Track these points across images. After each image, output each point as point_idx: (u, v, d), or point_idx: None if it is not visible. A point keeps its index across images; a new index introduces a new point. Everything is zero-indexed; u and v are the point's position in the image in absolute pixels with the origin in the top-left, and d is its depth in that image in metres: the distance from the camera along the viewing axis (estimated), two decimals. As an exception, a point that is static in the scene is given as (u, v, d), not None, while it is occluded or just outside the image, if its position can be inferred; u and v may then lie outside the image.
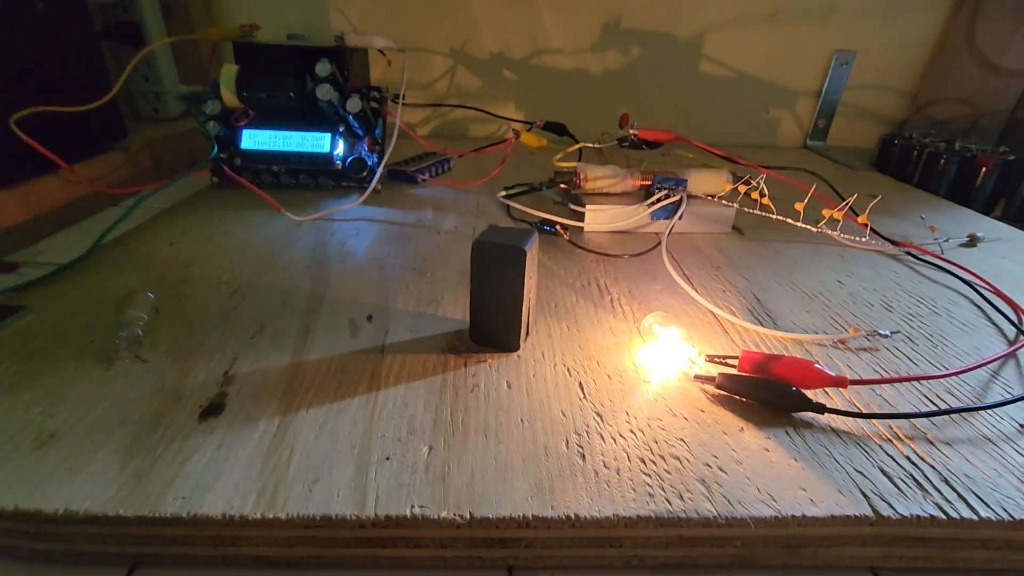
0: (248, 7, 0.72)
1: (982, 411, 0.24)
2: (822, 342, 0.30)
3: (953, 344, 0.30)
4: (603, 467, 0.21)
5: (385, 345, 0.28)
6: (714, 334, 0.30)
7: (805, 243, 0.44)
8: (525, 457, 0.21)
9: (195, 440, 0.21)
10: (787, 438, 0.22)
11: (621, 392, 0.25)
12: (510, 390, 0.25)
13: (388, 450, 0.21)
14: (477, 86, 0.76)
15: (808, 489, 0.20)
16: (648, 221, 0.44)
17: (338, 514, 0.18)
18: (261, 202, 0.47)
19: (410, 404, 0.24)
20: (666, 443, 0.22)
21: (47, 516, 0.18)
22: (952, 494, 0.20)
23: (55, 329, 0.28)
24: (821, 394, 0.25)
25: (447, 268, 0.37)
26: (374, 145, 0.53)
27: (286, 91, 0.49)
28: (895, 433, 0.23)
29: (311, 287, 0.34)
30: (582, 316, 0.32)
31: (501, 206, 0.49)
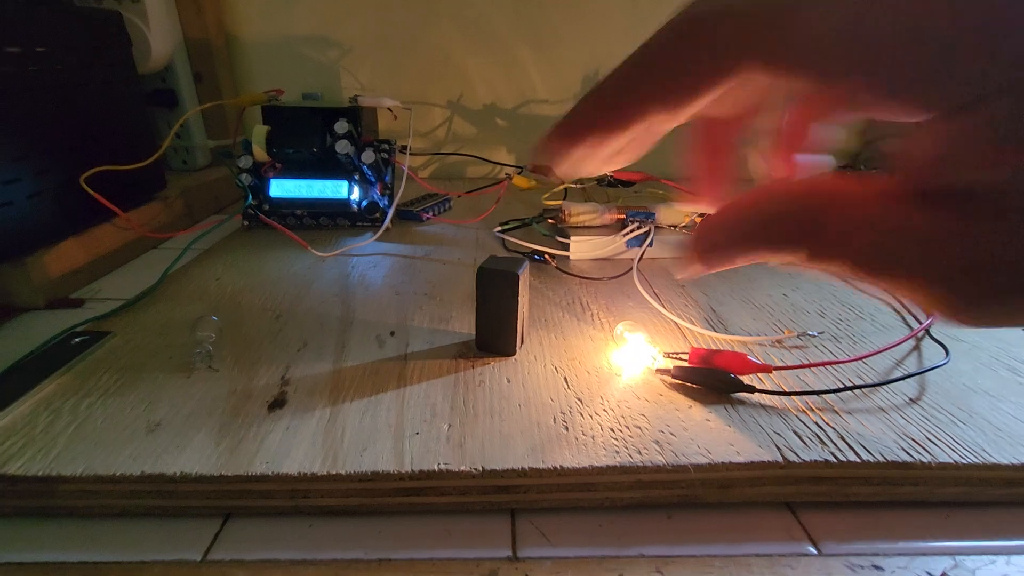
0: (267, 71, 0.81)
1: (879, 387, 0.31)
2: (762, 342, 0.37)
3: (871, 341, 0.37)
4: (582, 435, 0.27)
5: (407, 354, 0.35)
6: (675, 338, 0.37)
7: (760, 264, 0.51)
8: (522, 430, 0.27)
9: (268, 425, 0.28)
10: (724, 412, 0.29)
11: (597, 383, 0.32)
12: (509, 384, 0.32)
13: (417, 428, 0.28)
14: (472, 133, 0.85)
15: (735, 445, 0.26)
16: (624, 249, 0.51)
17: (384, 470, 0.25)
18: (288, 242, 0.54)
19: (431, 396, 0.30)
20: (630, 418, 0.28)
21: (168, 477, 0.24)
22: (844, 446, 0.26)
23: (138, 348, 0.35)
24: (755, 380, 0.32)
25: (454, 292, 0.44)
26: (385, 189, 0.61)
27: (310, 147, 0.57)
28: (810, 406, 0.30)
29: (341, 311, 0.41)
30: (567, 327, 0.38)
31: (497, 239, 0.56)
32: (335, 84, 0.83)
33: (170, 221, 0.62)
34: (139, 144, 0.58)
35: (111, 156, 0.52)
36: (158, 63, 0.67)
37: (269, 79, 0.82)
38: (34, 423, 0.28)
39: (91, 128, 0.52)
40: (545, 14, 0.79)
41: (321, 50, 0.81)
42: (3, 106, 0.42)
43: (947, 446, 0.27)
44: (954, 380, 0.32)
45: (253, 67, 0.81)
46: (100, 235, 0.51)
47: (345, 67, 0.82)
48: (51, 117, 0.47)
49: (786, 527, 0.25)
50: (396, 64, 0.82)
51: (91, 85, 0.52)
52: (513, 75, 0.82)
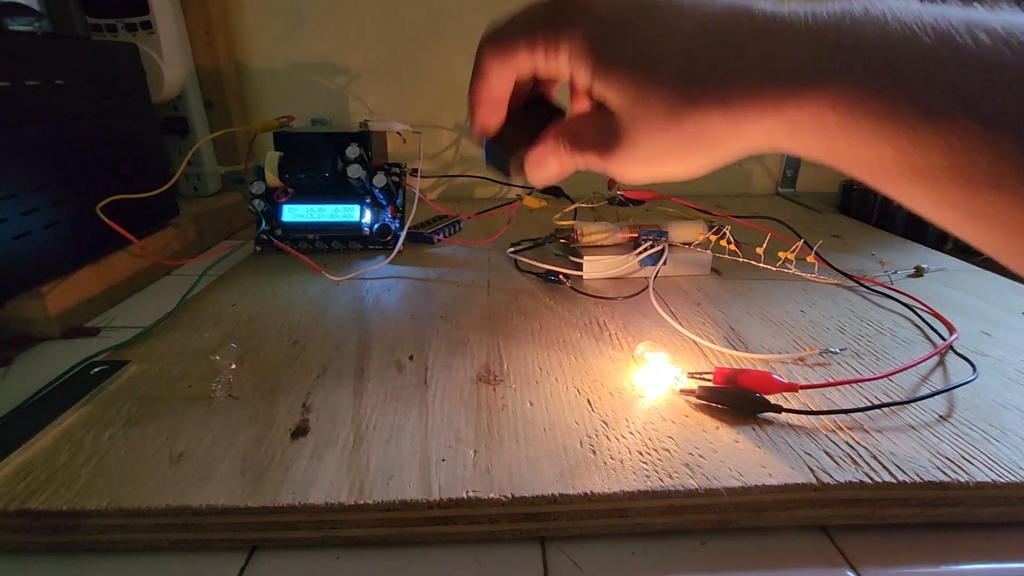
0: (276, 97, 0.83)
1: (908, 404, 0.31)
2: (784, 360, 0.36)
3: (893, 357, 0.37)
4: (610, 459, 0.27)
5: (427, 378, 0.34)
6: (695, 358, 0.37)
7: (774, 280, 0.51)
8: (549, 455, 0.27)
9: (292, 453, 0.27)
10: (753, 432, 0.29)
11: (621, 405, 0.31)
12: (532, 407, 0.31)
13: (443, 454, 0.27)
14: (478, 154, 0.85)
15: (767, 467, 0.26)
16: (637, 268, 0.51)
17: (412, 498, 0.24)
18: (301, 266, 0.54)
19: (454, 421, 0.30)
20: (658, 440, 0.28)
21: (194, 509, 0.24)
22: (878, 466, 0.26)
23: (157, 377, 0.35)
24: (781, 399, 0.32)
25: (470, 315, 0.44)
26: (396, 212, 0.61)
27: (321, 172, 0.57)
28: (838, 425, 0.29)
29: (358, 335, 0.40)
30: (586, 348, 0.38)
31: (510, 260, 0.56)
32: (344, 109, 0.84)
33: (182, 247, 0.62)
34: (153, 172, 0.58)
35: (126, 184, 0.53)
36: (171, 92, 0.68)
37: (278, 105, 0.83)
38: (56, 456, 0.27)
39: (107, 157, 0.52)
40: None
41: (329, 76, 0.82)
42: (23, 138, 0.43)
43: (983, 464, 0.26)
44: (983, 396, 0.32)
45: (262, 94, 0.82)
46: (115, 263, 0.51)
47: (353, 93, 0.83)
48: (68, 148, 0.48)
49: (823, 551, 0.25)
50: (404, 88, 0.83)
51: (107, 115, 0.52)
52: (519, 97, 0.83)
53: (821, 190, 0.88)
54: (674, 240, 0.52)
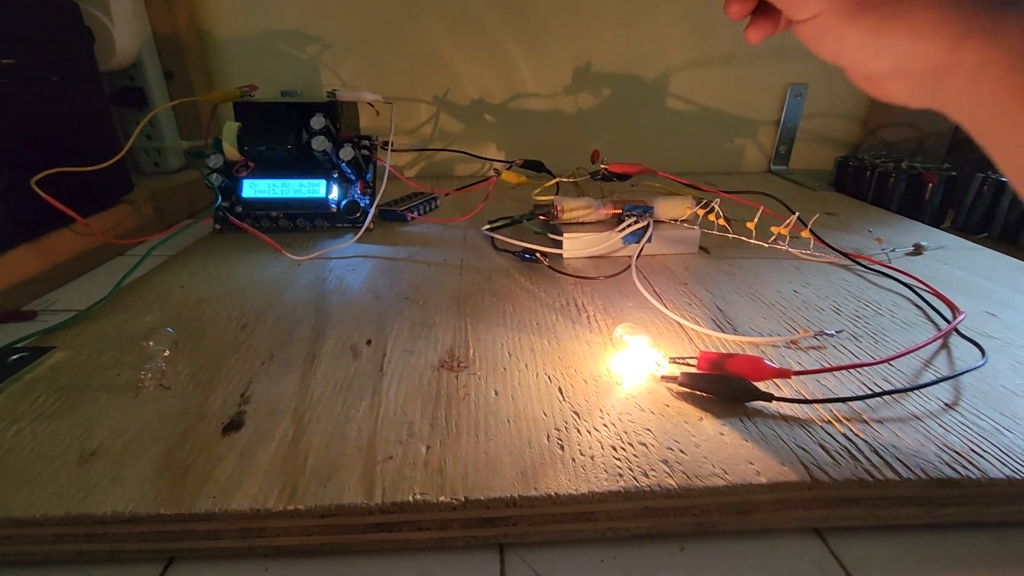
0: (244, 68, 0.78)
1: (911, 392, 0.28)
2: (776, 344, 0.33)
3: (893, 339, 0.34)
4: (579, 455, 0.24)
5: (384, 364, 0.31)
6: (680, 342, 0.34)
7: (766, 259, 0.48)
8: (511, 451, 0.24)
9: (220, 451, 0.24)
10: (740, 424, 0.26)
11: (596, 394, 0.28)
12: (497, 397, 0.28)
13: (391, 451, 0.24)
14: (460, 129, 0.82)
15: (755, 463, 0.23)
16: (621, 245, 0.48)
17: (350, 502, 0.21)
18: (262, 245, 0.50)
19: (409, 412, 0.27)
20: (635, 433, 0.25)
21: (96, 518, 0.21)
22: (879, 461, 0.23)
23: (84, 365, 0.31)
24: (772, 386, 0.29)
25: (438, 296, 0.41)
26: (366, 188, 0.57)
27: (284, 144, 0.53)
28: (835, 415, 0.26)
29: (314, 318, 0.37)
30: (561, 332, 0.35)
31: (486, 238, 0.53)
32: (316, 81, 0.79)
33: (138, 226, 0.58)
34: (102, 145, 0.54)
35: (70, 158, 0.48)
36: (124, 60, 0.64)
37: (246, 77, 0.78)
38: (-49, 455, 0.24)
39: (45, 128, 0.48)
40: (533, 6, 0.76)
41: (300, 46, 0.77)
42: (-60, 102, 0.39)
43: (995, 458, 0.23)
44: (991, 382, 0.29)
45: (229, 64, 0.78)
46: (57, 242, 0.48)
47: (326, 63, 0.78)
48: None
49: (816, 558, 0.22)
50: (380, 60, 0.78)
51: (45, 82, 0.48)
52: (502, 69, 0.79)
53: (815, 167, 0.85)
54: (660, 216, 0.49)
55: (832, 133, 0.85)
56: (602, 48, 0.79)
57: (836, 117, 0.84)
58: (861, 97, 0.83)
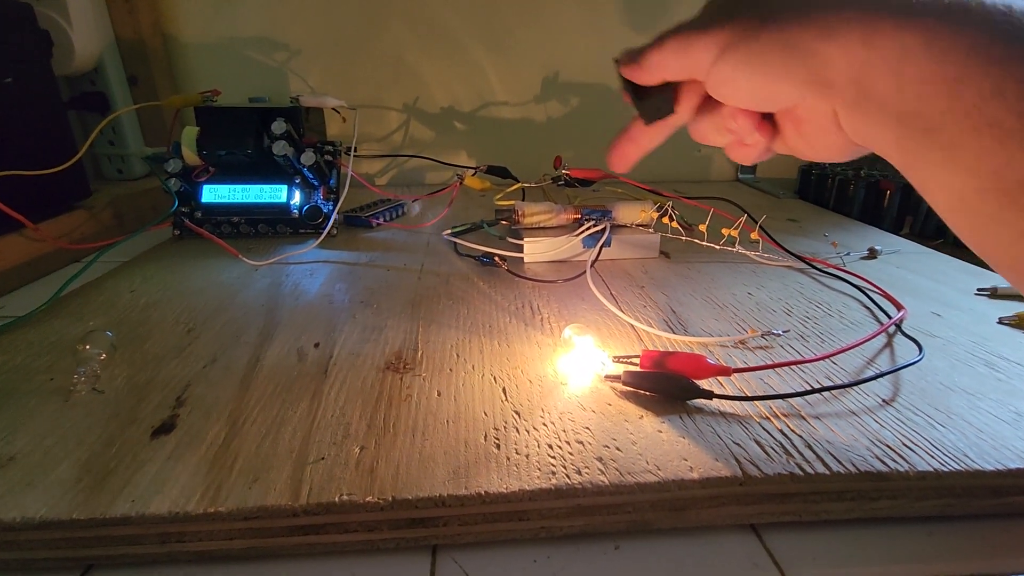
0: (210, 75, 0.77)
1: (851, 388, 0.28)
2: (724, 343, 0.34)
3: (839, 339, 0.34)
4: (515, 453, 0.23)
5: (329, 367, 0.31)
6: (630, 342, 0.34)
7: (724, 263, 0.48)
8: (446, 450, 0.24)
9: (146, 454, 0.23)
10: (680, 421, 0.26)
11: (540, 394, 0.28)
12: (440, 397, 0.28)
13: (324, 452, 0.24)
14: (430, 137, 0.82)
15: (689, 459, 0.23)
16: (582, 249, 0.48)
17: (273, 504, 0.21)
18: (220, 251, 0.50)
19: (347, 414, 0.26)
20: (573, 432, 0.25)
21: (6, 524, 0.20)
22: (812, 456, 0.23)
23: (16, 370, 0.30)
24: (715, 384, 0.29)
25: (392, 300, 0.40)
26: (329, 194, 0.57)
27: (244, 148, 0.53)
28: (774, 412, 0.26)
29: (264, 323, 0.36)
30: (512, 333, 0.35)
31: (450, 244, 0.53)
32: (284, 88, 0.79)
33: (95, 232, 0.57)
34: (58, 150, 0.53)
35: (22, 162, 0.47)
36: (85, 64, 0.63)
37: (213, 83, 0.77)
38: None
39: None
40: (500, 15, 0.77)
41: (267, 53, 0.77)
42: None
43: (925, 452, 0.24)
44: (929, 378, 0.30)
45: (195, 70, 0.77)
46: (6, 247, 0.46)
47: (293, 70, 0.78)
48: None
49: (750, 554, 0.22)
50: (348, 67, 0.78)
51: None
52: (470, 77, 0.80)
53: (781, 175, 0.86)
54: (620, 220, 0.49)
55: (797, 142, 0.86)
56: (570, 57, 0.80)
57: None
58: (824, 107, 0.84)
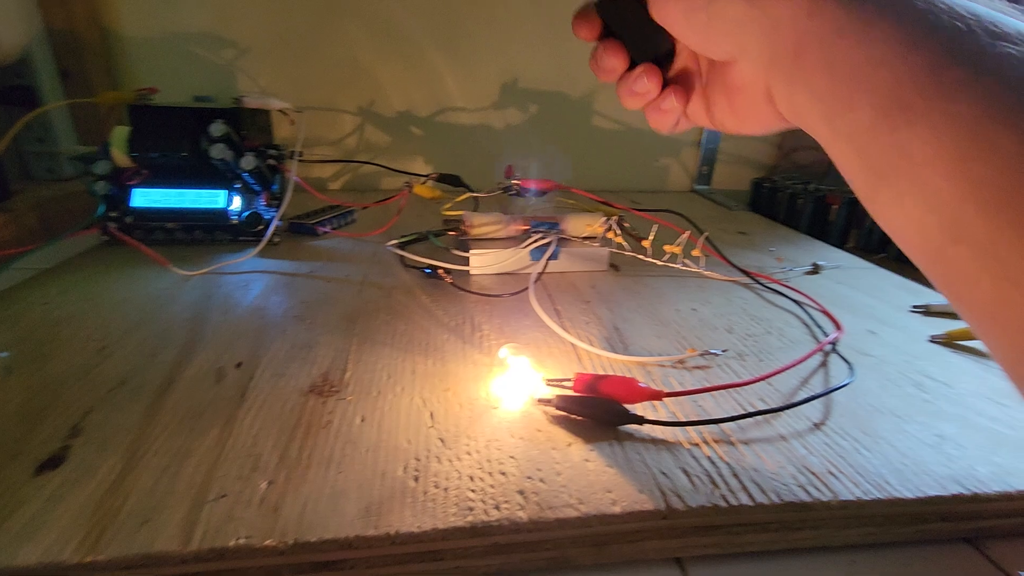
0: (153, 71, 0.74)
1: (782, 411, 0.28)
2: (663, 363, 0.33)
3: (777, 359, 0.34)
4: (433, 487, 0.22)
5: (248, 390, 0.29)
6: (569, 362, 0.33)
7: (672, 277, 0.48)
8: (361, 484, 0.22)
9: (26, 493, 0.21)
10: (608, 449, 0.25)
11: (469, 419, 0.27)
12: (363, 423, 0.26)
13: (227, 487, 0.22)
14: (385, 142, 0.80)
15: (614, 491, 0.22)
16: (530, 262, 0.47)
17: (159, 551, 0.19)
18: (151, 259, 0.47)
19: (260, 443, 0.25)
20: (497, 461, 0.24)
21: None
22: (737, 485, 0.23)
23: None
24: (650, 407, 0.28)
25: (328, 314, 0.38)
26: (272, 200, 0.54)
27: (178, 150, 0.50)
28: (704, 438, 0.26)
29: (186, 339, 0.34)
30: (449, 352, 0.34)
31: (396, 255, 0.51)
32: (232, 88, 0.76)
33: (15, 237, 0.53)
34: (-29, 147, 0.49)
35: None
36: (8, 55, 0.59)
37: (156, 80, 0.73)
38: None
39: None
40: (459, 19, 0.76)
41: (214, 50, 0.74)
42: None
43: (849, 480, 0.23)
44: (860, 400, 0.30)
45: (136, 66, 0.73)
46: (-95, 253, 0.43)
47: (242, 69, 0.75)
48: None
49: (672, 589, 0.21)
50: (300, 68, 0.76)
51: None
52: (427, 81, 0.78)
53: (735, 188, 0.87)
54: (568, 233, 0.48)
55: (750, 155, 0.88)
56: (530, 64, 0.79)
57: (754, 139, 0.87)
58: (777, 121, 0.86)
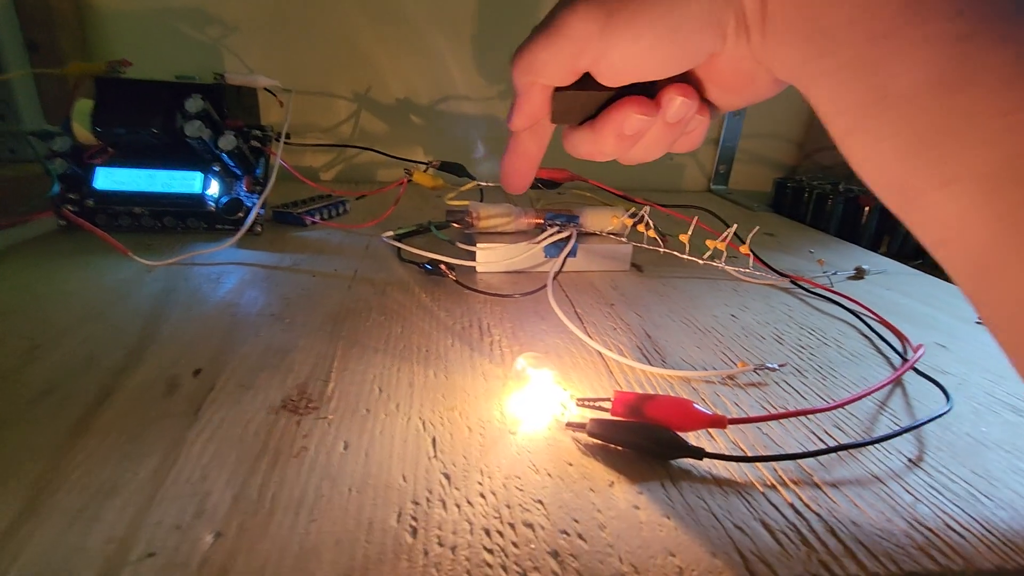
0: (133, 47, 0.68)
1: (869, 446, 0.23)
2: (710, 379, 0.28)
3: (842, 375, 0.29)
4: (436, 544, 0.17)
5: (204, 405, 0.23)
6: (598, 375, 0.28)
7: (702, 279, 0.43)
8: (340, 538, 0.17)
9: None
10: (662, 491, 0.19)
11: (480, 447, 0.21)
12: (346, 452, 0.21)
13: (158, 543, 0.16)
14: (383, 130, 0.74)
15: (679, 554, 0.17)
16: (543, 259, 0.42)
17: (43, 645, 0.13)
18: (110, 247, 0.41)
19: (210, 477, 0.19)
20: (520, 507, 0.18)
21: None
22: (838, 547, 0.17)
23: None
24: (704, 436, 0.23)
25: (311, 313, 0.33)
26: (254, 185, 0.49)
27: (147, 126, 0.44)
28: (780, 477, 0.21)
29: (136, 340, 0.29)
30: (454, 361, 0.28)
31: (393, 248, 0.45)
32: (218, 69, 0.70)
33: (-36, 220, 0.47)
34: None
35: None
36: (-36, 22, 0.53)
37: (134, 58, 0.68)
38: None
39: None
40: (464, 1, 0.70)
41: (200, 27, 0.68)
42: None
43: (979, 537, 0.18)
44: (955, 429, 0.24)
45: (114, 41, 0.68)
46: None
47: (230, 48, 0.69)
48: None
49: None
50: (292, 49, 0.70)
51: None
52: (430, 68, 0.73)
53: (754, 188, 0.82)
54: (587, 227, 0.43)
55: (770, 154, 0.83)
56: (539, 53, 0.74)
57: (774, 139, 0.82)
58: (798, 120, 0.82)
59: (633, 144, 0.21)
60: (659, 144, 0.22)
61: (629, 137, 0.21)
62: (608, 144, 0.21)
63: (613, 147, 0.21)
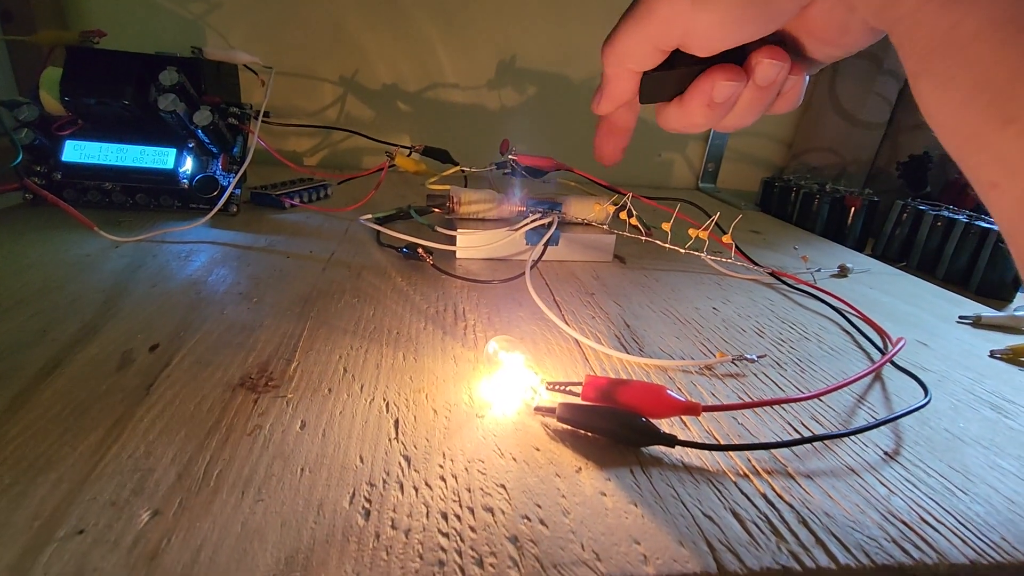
0: (112, 21, 0.66)
1: (845, 437, 0.22)
2: (687, 368, 0.27)
3: (821, 368, 0.29)
4: (389, 527, 0.16)
5: (157, 380, 0.22)
6: (573, 362, 0.27)
7: (685, 272, 0.42)
8: (286, 520, 0.16)
9: None
10: (630, 478, 0.19)
11: (445, 430, 0.21)
12: (302, 431, 0.20)
13: (89, 520, 0.15)
14: (369, 116, 0.73)
15: (644, 542, 0.16)
16: (524, 247, 0.41)
17: (-53, 626, 0.12)
18: (77, 222, 0.39)
19: (154, 454, 0.18)
20: (482, 491, 0.18)
21: None
22: (809, 537, 0.17)
23: None
24: (677, 423, 0.22)
25: (281, 293, 0.32)
26: (231, 164, 0.47)
27: (119, 97, 0.43)
28: (753, 467, 0.20)
29: (93, 314, 0.27)
30: (425, 344, 0.27)
31: (372, 232, 0.44)
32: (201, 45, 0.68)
33: (-76, 191, 0.45)
34: None
35: None
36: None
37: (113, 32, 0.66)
38: None
39: None
40: (455, -14, 0.69)
41: (182, 3, 0.66)
42: None
43: (953, 533, 0.18)
44: (933, 424, 0.24)
45: (92, 14, 0.66)
46: None
47: (212, 25, 0.68)
48: None
49: None
50: (277, 29, 0.68)
51: None
52: (418, 54, 0.72)
53: (742, 187, 0.82)
54: (570, 215, 0.42)
55: (759, 153, 0.83)
56: (529, 44, 0.73)
57: (763, 137, 0.82)
58: (787, 120, 0.81)
59: (726, 112, 0.21)
60: (753, 109, 0.21)
61: (720, 105, 0.21)
62: (699, 115, 0.21)
63: (704, 117, 0.21)
